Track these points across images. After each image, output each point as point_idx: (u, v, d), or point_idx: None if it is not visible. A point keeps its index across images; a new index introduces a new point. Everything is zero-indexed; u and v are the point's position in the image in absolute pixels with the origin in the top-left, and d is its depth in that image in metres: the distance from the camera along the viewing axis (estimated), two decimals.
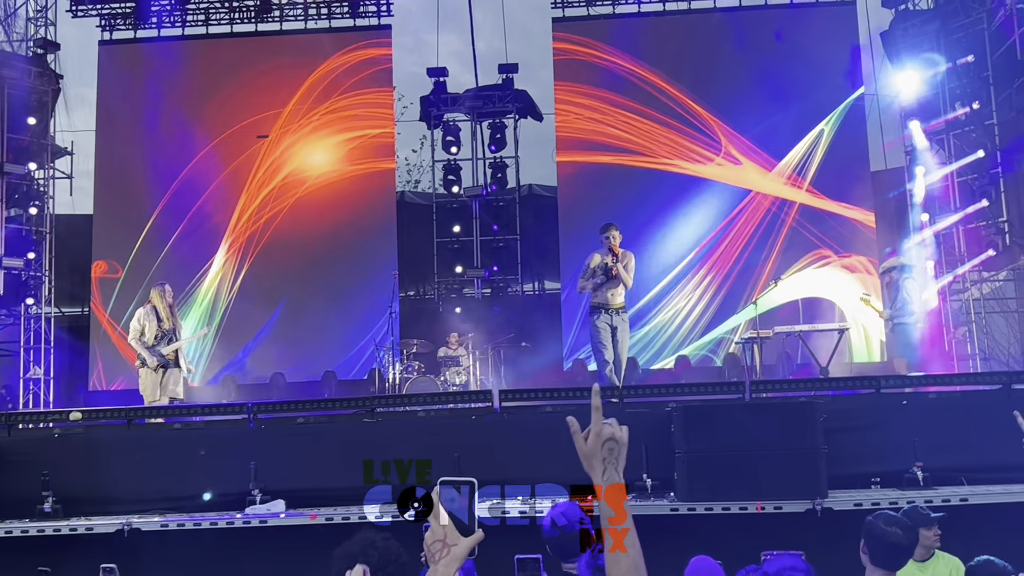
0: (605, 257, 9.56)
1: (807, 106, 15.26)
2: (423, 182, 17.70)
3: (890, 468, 6.95)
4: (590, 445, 2.09)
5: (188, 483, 7.29)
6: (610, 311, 9.56)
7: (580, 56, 15.86)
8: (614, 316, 9.56)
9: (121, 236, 15.81)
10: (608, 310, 9.56)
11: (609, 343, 9.53)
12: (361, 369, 15.04)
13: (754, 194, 15.34)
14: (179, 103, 15.92)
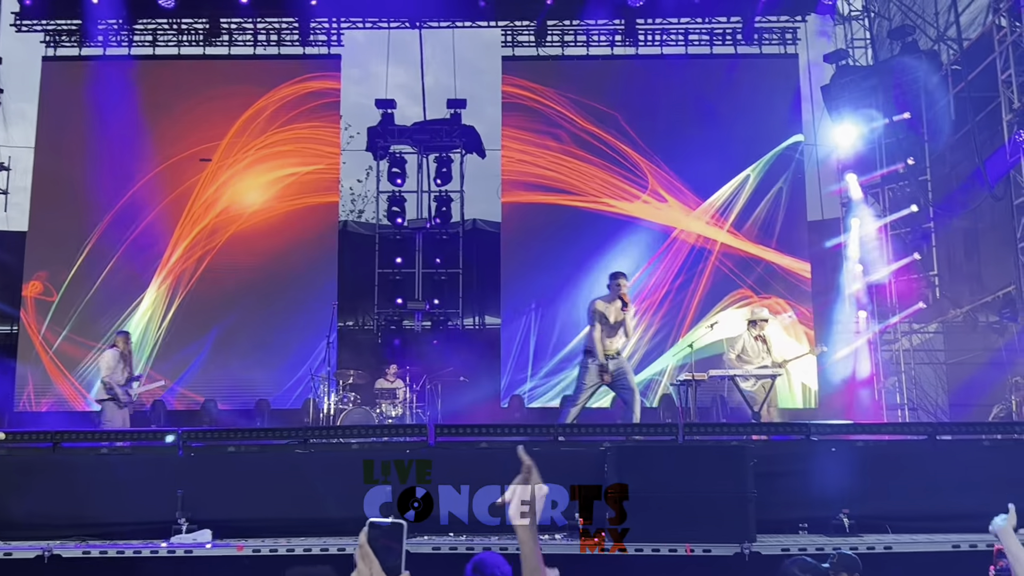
0: (610, 304, 9.37)
1: (742, 153, 15.54)
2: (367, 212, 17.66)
3: (818, 514, 7.08)
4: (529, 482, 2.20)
5: (112, 510, 7.14)
6: (607, 357, 9.37)
7: (526, 100, 16.00)
8: (610, 361, 9.37)
9: (56, 256, 15.44)
10: (607, 356, 9.37)
11: (590, 389, 9.40)
12: (296, 399, 14.86)
13: (678, 232, 15.53)
14: (123, 124, 15.60)
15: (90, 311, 15.23)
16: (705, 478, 6.73)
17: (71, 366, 15.11)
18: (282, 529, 7.08)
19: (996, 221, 13.85)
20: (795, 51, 16.22)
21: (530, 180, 15.74)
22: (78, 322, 15.20)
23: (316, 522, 7.03)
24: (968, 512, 6.33)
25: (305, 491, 7.32)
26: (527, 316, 15.41)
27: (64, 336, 15.15)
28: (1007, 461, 7.41)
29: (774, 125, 15.69)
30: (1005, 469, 7.13)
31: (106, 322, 15.11)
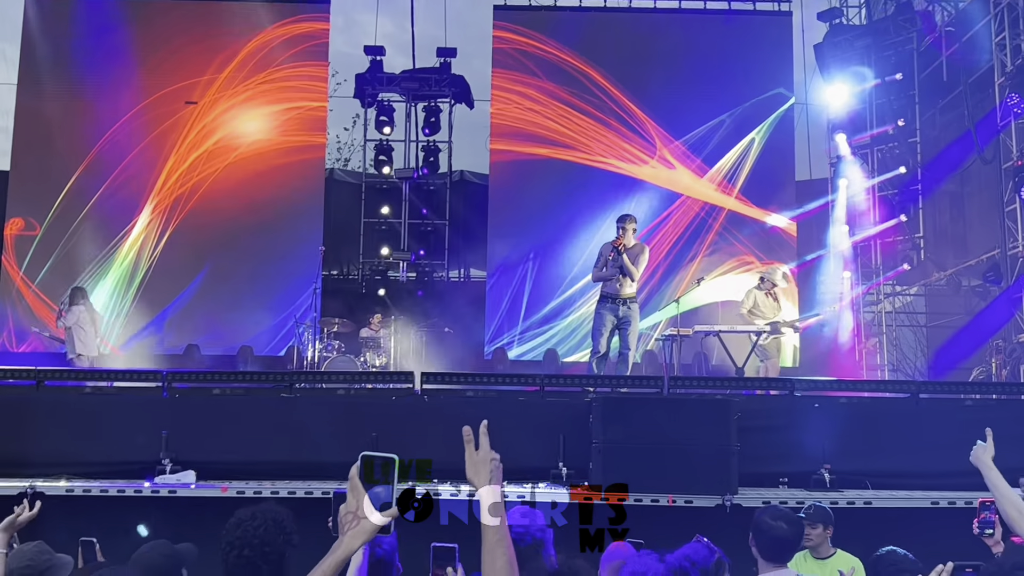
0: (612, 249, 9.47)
1: (740, 113, 15.48)
2: (353, 161, 17.54)
3: (799, 468, 7.15)
4: (481, 457, 2.16)
5: (97, 449, 7.13)
6: (617, 301, 9.46)
7: (520, 46, 15.82)
8: (621, 306, 9.46)
9: (39, 194, 15.26)
10: (616, 300, 9.46)
11: (607, 333, 9.48)
12: (278, 345, 14.84)
13: (685, 198, 15.51)
14: (108, 64, 15.40)
15: (78, 240, 15.09)
16: (689, 430, 6.77)
17: (55, 297, 14.99)
18: (267, 472, 7.09)
19: (983, 185, 13.90)
20: (788, 8, 16.08)
21: (520, 131, 15.63)
22: (64, 252, 15.05)
23: (301, 466, 7.04)
24: (947, 470, 6.40)
25: (290, 435, 7.32)
26: (514, 269, 15.39)
27: (49, 266, 15.03)
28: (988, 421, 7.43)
29: (767, 85, 15.60)
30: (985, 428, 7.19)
31: (94, 250, 15.07)
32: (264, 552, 3.39)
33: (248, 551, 3.38)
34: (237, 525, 3.45)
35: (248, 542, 3.39)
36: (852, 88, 15.00)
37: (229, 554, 3.40)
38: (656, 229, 15.32)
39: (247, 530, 3.42)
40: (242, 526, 3.44)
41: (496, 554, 2.21)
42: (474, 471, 2.17)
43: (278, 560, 3.39)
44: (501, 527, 2.21)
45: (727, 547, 4.45)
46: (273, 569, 3.37)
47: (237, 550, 3.38)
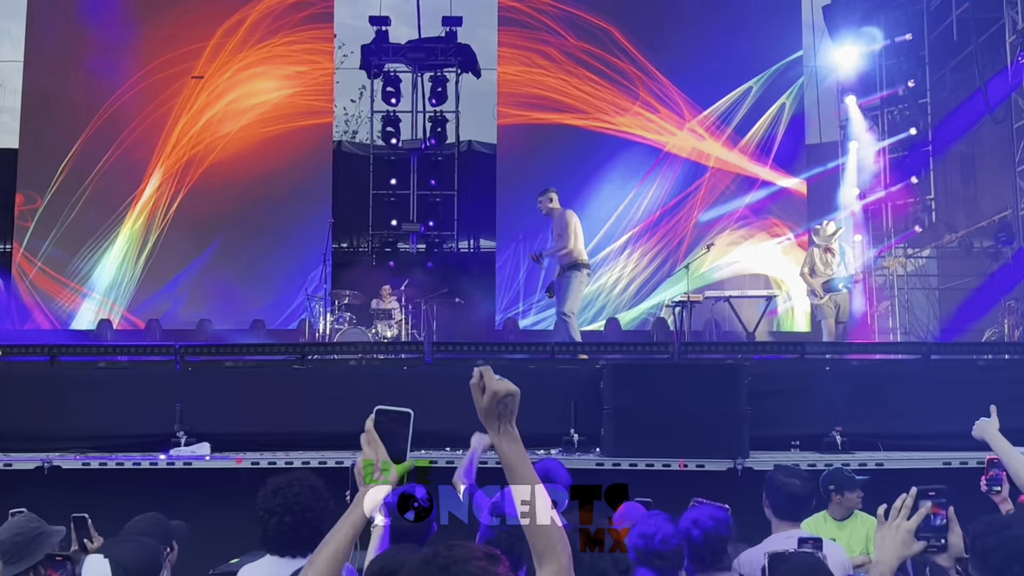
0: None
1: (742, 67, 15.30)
2: (361, 133, 17.50)
3: (811, 432, 7.15)
4: (487, 403, 2.10)
5: (111, 422, 7.18)
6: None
7: (526, 16, 15.64)
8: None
9: (46, 168, 15.26)
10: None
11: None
12: (289, 318, 14.88)
13: (693, 162, 15.40)
14: (112, 35, 15.35)
15: (84, 208, 15.12)
16: (700, 395, 6.78)
17: (61, 268, 15.06)
18: (280, 443, 7.14)
19: (994, 146, 13.79)
20: None
21: (527, 99, 15.52)
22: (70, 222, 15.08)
23: (314, 436, 7.09)
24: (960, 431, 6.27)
25: (303, 406, 7.36)
26: (524, 239, 15.34)
27: (53, 238, 15.08)
28: (999, 381, 7.45)
29: (775, 42, 15.45)
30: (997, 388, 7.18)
31: (102, 216, 15.12)
32: (306, 517, 3.46)
33: (289, 517, 3.44)
34: (275, 492, 3.50)
35: (289, 508, 3.45)
36: (861, 50, 14.86)
37: (269, 521, 3.45)
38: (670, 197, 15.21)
39: (287, 496, 3.48)
40: (280, 493, 3.50)
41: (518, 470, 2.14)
42: (485, 420, 2.16)
43: (317, 525, 3.46)
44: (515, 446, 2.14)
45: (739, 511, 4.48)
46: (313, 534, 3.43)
47: (278, 516, 3.43)
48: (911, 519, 2.44)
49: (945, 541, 2.48)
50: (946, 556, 2.49)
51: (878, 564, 2.48)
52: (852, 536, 5.50)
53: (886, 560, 2.47)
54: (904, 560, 2.47)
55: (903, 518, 2.46)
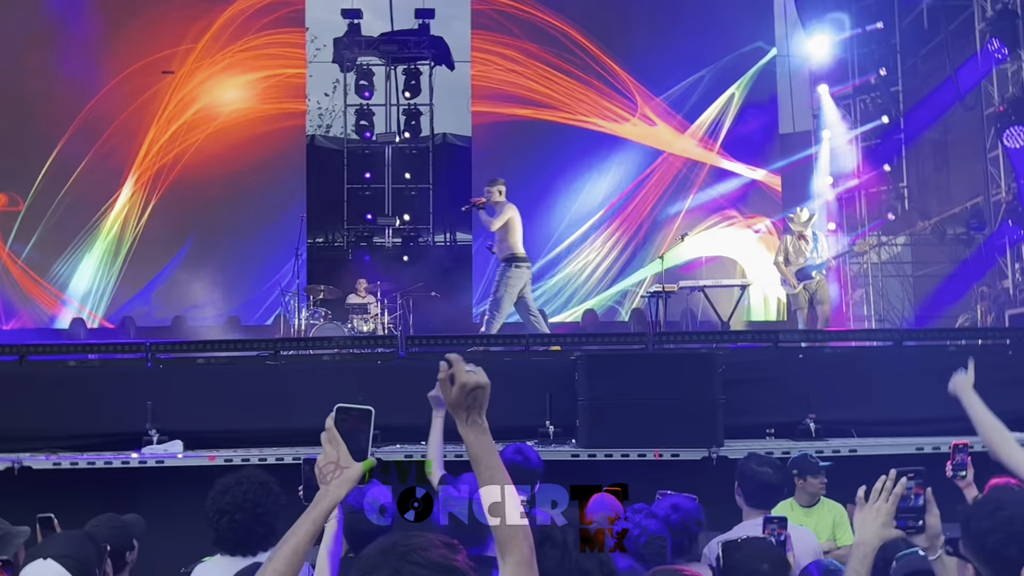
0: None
1: (720, 68, 15.42)
2: (335, 127, 17.38)
3: (785, 419, 7.17)
4: (456, 395, 2.08)
5: (82, 422, 7.10)
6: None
7: (500, 6, 15.68)
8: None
9: (21, 168, 15.20)
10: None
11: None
12: (265, 314, 14.83)
13: (667, 155, 15.47)
14: (84, 35, 15.24)
15: (62, 215, 15.08)
16: (674, 385, 6.79)
17: (43, 271, 15.00)
18: (253, 440, 7.09)
19: (965, 133, 13.87)
20: None
21: (501, 92, 15.53)
22: (48, 227, 15.05)
23: (288, 432, 7.02)
24: (933, 416, 6.44)
25: (276, 402, 7.30)
26: None
27: (34, 242, 15.01)
28: None
29: (747, 39, 15.51)
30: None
31: (78, 223, 15.11)
32: (257, 514, 3.40)
33: (240, 515, 3.38)
34: (224, 492, 3.45)
35: (240, 506, 3.39)
36: (833, 39, 14.92)
37: (220, 520, 3.40)
38: (640, 186, 15.31)
39: (236, 495, 3.42)
40: (230, 492, 3.44)
41: (484, 461, 2.11)
42: (454, 412, 2.13)
43: (271, 522, 3.40)
44: (482, 438, 2.11)
45: (714, 499, 4.50)
46: (267, 531, 3.38)
47: (228, 515, 3.37)
48: (890, 500, 2.46)
49: (923, 522, 2.48)
50: (924, 537, 2.50)
51: (860, 545, 2.49)
52: (819, 522, 5.53)
53: (868, 541, 2.48)
54: (884, 541, 2.48)
55: (883, 500, 2.46)
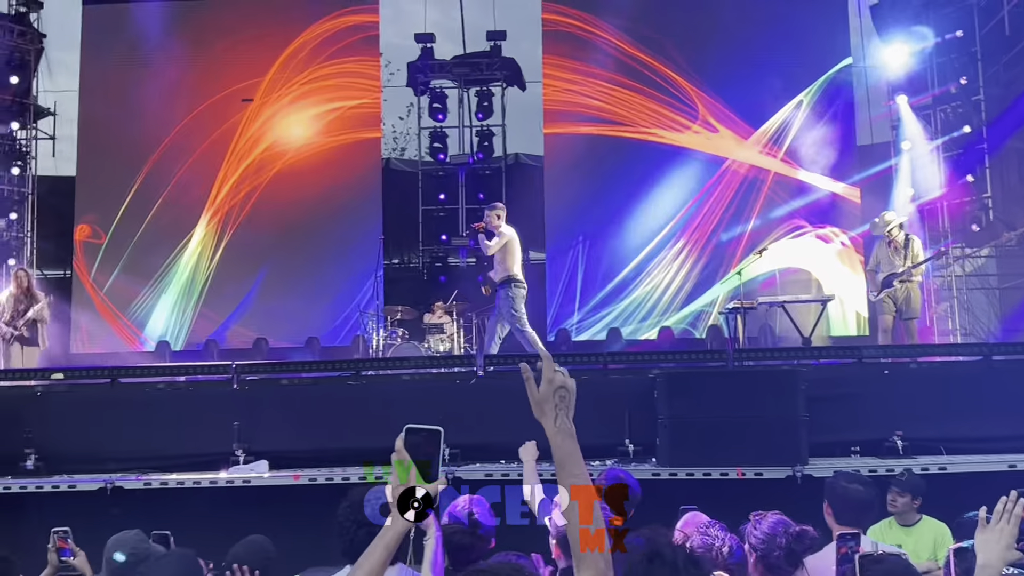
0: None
1: (790, 77, 15.18)
2: (409, 150, 17.65)
3: (870, 437, 7.03)
4: (542, 392, 2.08)
5: (171, 442, 7.29)
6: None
7: (568, 28, 15.70)
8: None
9: (104, 200, 15.71)
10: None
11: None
12: (343, 334, 15.02)
13: (730, 162, 15.29)
14: (163, 68, 15.71)
15: (139, 251, 15.49)
16: (756, 403, 6.71)
17: (122, 306, 15.43)
18: (336, 459, 7.18)
19: None
20: None
21: (573, 111, 15.53)
22: (127, 263, 15.47)
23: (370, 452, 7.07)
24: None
25: (358, 422, 7.40)
26: (573, 249, 15.34)
27: (114, 277, 15.44)
28: None
29: (823, 48, 15.27)
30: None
31: (155, 261, 15.44)
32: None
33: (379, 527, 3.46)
34: (360, 504, 3.53)
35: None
36: (911, 48, 14.62)
37: (358, 532, 3.47)
38: (705, 198, 15.15)
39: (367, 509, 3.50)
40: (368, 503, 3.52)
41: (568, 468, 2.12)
42: (539, 411, 2.13)
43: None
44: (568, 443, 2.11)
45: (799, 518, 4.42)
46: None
47: (367, 527, 3.45)
48: (1011, 521, 2.44)
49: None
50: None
51: (984, 568, 2.48)
52: (919, 542, 5.37)
53: (992, 564, 2.48)
54: (1008, 564, 2.46)
55: (1005, 521, 2.44)
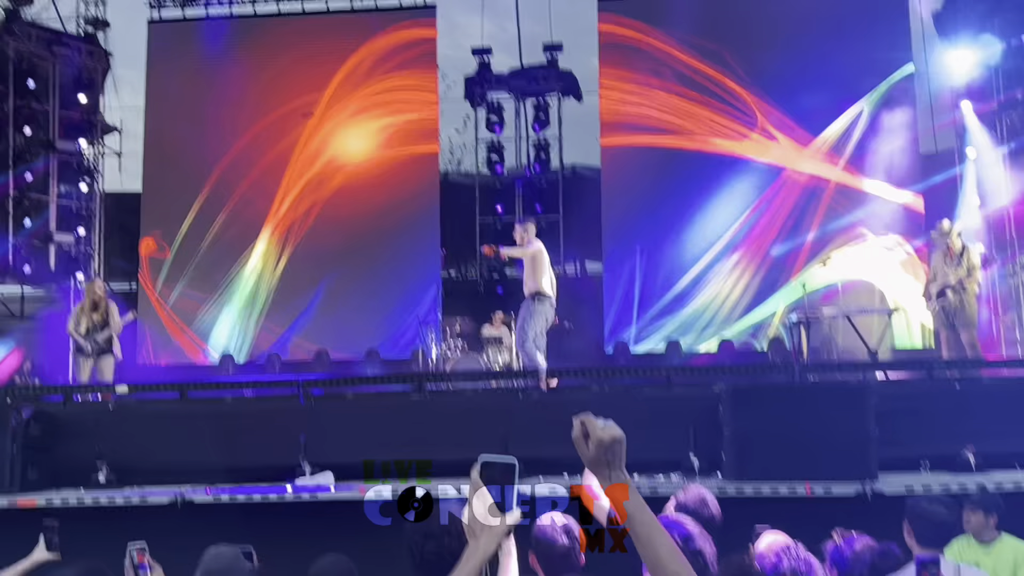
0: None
1: (851, 84, 14.97)
2: (466, 162, 17.77)
3: (941, 451, 6.89)
4: (593, 453, 2.03)
5: (239, 455, 7.38)
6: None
7: (625, 40, 15.67)
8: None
9: (169, 214, 16.04)
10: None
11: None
12: (401, 346, 15.11)
13: (789, 172, 15.13)
14: (226, 83, 16.05)
15: (203, 266, 15.78)
16: (824, 417, 6.60)
17: (188, 320, 15.71)
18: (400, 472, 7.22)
19: None
20: None
21: (630, 121, 15.49)
22: (192, 277, 15.76)
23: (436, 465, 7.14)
24: None
25: (421, 435, 7.44)
26: (631, 261, 15.28)
27: (179, 291, 15.73)
28: None
29: (884, 54, 15.05)
30: None
31: (219, 275, 15.71)
32: (463, 540, 3.50)
33: (447, 539, 3.49)
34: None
35: (447, 530, 3.49)
36: (976, 54, 14.39)
37: (426, 545, 3.50)
38: (764, 208, 15.00)
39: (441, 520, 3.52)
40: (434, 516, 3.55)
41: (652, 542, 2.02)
42: (594, 470, 2.09)
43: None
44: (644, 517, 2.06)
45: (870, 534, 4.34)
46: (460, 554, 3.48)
47: (435, 539, 3.47)
48: None
49: None
50: None
51: None
52: (998, 561, 5.24)
53: None
54: None
55: None
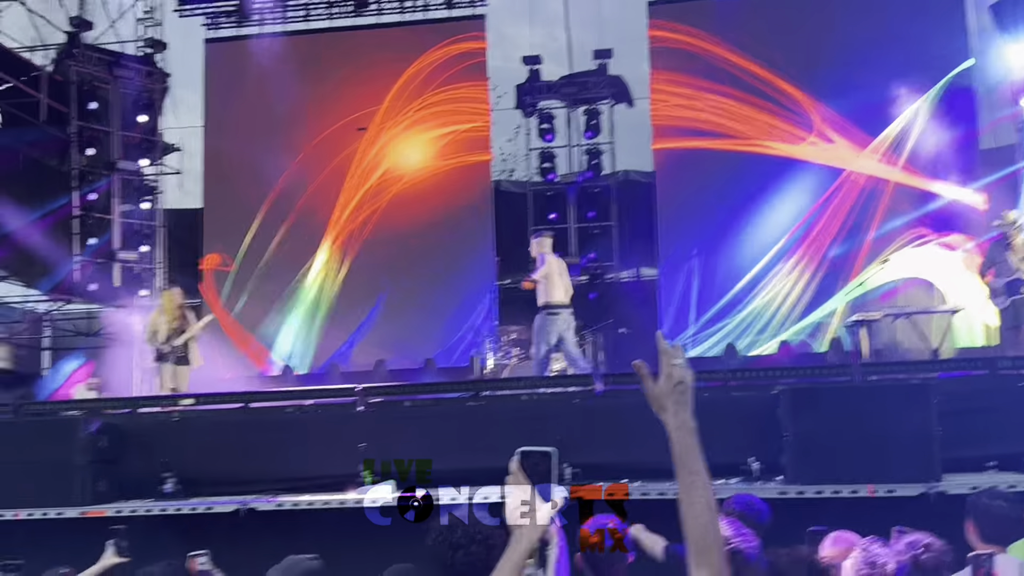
0: None
1: (907, 82, 14.73)
2: (518, 170, 17.85)
3: (1007, 451, 6.77)
4: (662, 387, 2.05)
5: (302, 464, 7.50)
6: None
7: (676, 44, 15.62)
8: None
9: (230, 230, 16.34)
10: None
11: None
12: (458, 354, 15.19)
13: (848, 174, 14.95)
14: (282, 100, 16.30)
15: (265, 278, 16.08)
16: (886, 418, 6.52)
17: (251, 330, 16.01)
18: (459, 479, 7.25)
19: None
20: None
21: (683, 125, 15.44)
22: (254, 289, 16.05)
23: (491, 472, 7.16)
24: None
25: (479, 442, 7.47)
26: (687, 264, 15.22)
27: (243, 303, 16.06)
28: None
29: (940, 50, 14.81)
30: None
31: (280, 286, 16.05)
32: (489, 545, 3.52)
33: (475, 547, 3.50)
34: (453, 528, 3.58)
35: (473, 539, 3.52)
36: None
37: (455, 555, 3.52)
38: (822, 210, 14.84)
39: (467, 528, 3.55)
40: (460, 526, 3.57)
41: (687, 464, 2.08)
42: (659, 406, 2.12)
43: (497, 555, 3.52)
44: (689, 440, 2.09)
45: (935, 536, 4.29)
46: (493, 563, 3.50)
47: (463, 549, 3.50)
48: None
49: None
50: None
51: None
52: None
53: None
54: None
55: None
